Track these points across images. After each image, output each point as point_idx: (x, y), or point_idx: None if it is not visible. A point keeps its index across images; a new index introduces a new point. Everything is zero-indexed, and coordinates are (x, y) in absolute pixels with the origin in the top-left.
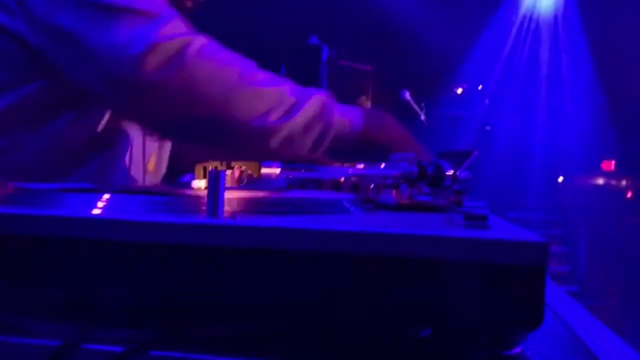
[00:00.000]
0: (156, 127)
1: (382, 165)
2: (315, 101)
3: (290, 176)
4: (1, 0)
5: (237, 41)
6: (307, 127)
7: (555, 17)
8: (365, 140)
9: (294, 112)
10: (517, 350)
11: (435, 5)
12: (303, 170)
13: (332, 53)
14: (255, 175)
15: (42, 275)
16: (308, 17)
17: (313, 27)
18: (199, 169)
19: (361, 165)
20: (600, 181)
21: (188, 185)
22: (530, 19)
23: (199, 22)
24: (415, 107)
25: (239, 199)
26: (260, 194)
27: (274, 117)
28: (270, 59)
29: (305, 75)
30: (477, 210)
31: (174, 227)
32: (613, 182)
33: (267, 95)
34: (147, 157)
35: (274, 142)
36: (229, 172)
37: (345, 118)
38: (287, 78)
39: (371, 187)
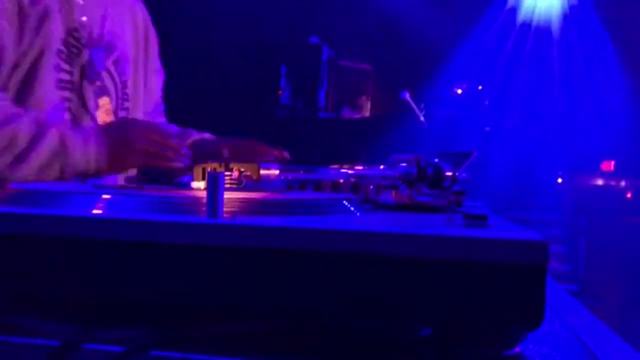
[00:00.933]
0: None
1: (382, 166)
2: (52, 141)
3: (290, 177)
4: None
5: (238, 42)
6: (43, 168)
7: (554, 18)
8: (109, 168)
9: (25, 156)
10: (517, 350)
11: (435, 5)
12: (302, 172)
13: (332, 53)
14: (254, 177)
15: (42, 275)
16: (308, 17)
17: (313, 27)
18: (197, 170)
19: (360, 166)
20: (600, 182)
21: (187, 185)
22: (531, 19)
23: (200, 22)
24: (415, 107)
25: (239, 200)
26: (260, 194)
27: (1, 163)
28: (271, 59)
29: (305, 75)
30: (477, 210)
31: (174, 227)
32: (613, 183)
33: None
34: None
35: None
36: (228, 173)
37: (84, 154)
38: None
39: (370, 187)
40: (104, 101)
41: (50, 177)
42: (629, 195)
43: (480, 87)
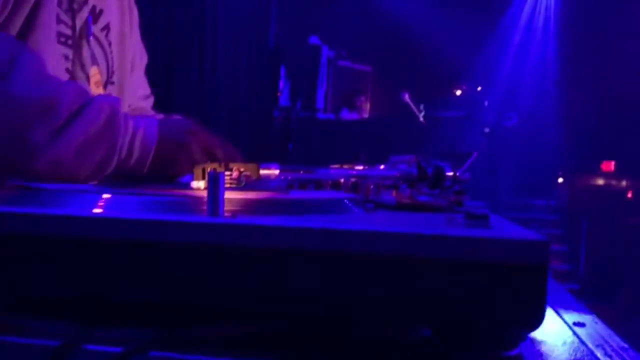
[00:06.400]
0: None
1: (382, 167)
2: (102, 114)
3: (290, 177)
4: None
5: (238, 42)
6: (86, 148)
7: (555, 16)
8: (157, 158)
9: (67, 129)
10: (517, 350)
11: (434, 6)
12: (302, 172)
13: (332, 54)
14: (254, 177)
15: (42, 275)
16: (308, 17)
17: (313, 27)
18: (197, 170)
19: (360, 167)
20: (601, 182)
21: (187, 185)
22: (530, 19)
23: (200, 23)
24: (414, 108)
25: (239, 200)
26: (260, 194)
27: (37, 135)
28: (270, 60)
29: (304, 76)
30: (478, 210)
31: (175, 226)
32: (613, 183)
33: (27, 106)
34: None
35: (41, 164)
36: (228, 172)
37: (138, 135)
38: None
39: (371, 187)
40: (94, 71)
41: (92, 163)
42: (629, 195)
43: (479, 88)
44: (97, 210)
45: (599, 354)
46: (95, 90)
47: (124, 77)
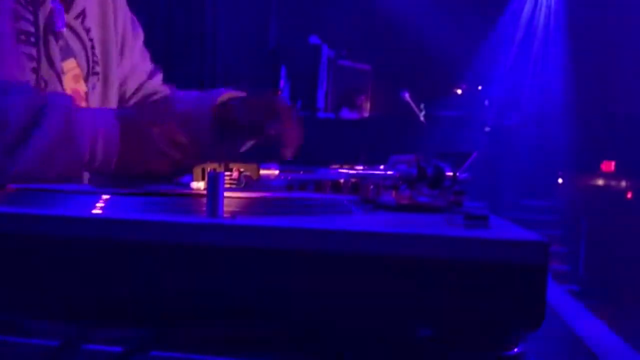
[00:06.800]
0: None
1: (382, 167)
2: (56, 122)
3: (290, 177)
4: None
5: (238, 42)
6: (44, 160)
7: (556, 17)
8: (122, 157)
9: (20, 146)
10: (517, 350)
11: (435, 5)
12: (302, 172)
13: (332, 53)
14: (254, 177)
15: (42, 275)
16: (308, 17)
17: (313, 27)
18: (197, 171)
19: (360, 167)
20: (600, 182)
21: (187, 186)
22: (531, 18)
23: (199, 22)
24: (415, 107)
25: (239, 200)
26: (260, 194)
27: None
28: (270, 59)
29: (304, 75)
30: (478, 210)
31: (174, 227)
32: (613, 183)
33: None
34: None
35: (7, 180)
36: (227, 173)
37: (100, 138)
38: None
39: (371, 187)
40: (70, 64)
41: (57, 168)
42: (629, 196)
43: (480, 87)
44: (96, 211)
45: (599, 353)
46: (75, 85)
47: (110, 64)
